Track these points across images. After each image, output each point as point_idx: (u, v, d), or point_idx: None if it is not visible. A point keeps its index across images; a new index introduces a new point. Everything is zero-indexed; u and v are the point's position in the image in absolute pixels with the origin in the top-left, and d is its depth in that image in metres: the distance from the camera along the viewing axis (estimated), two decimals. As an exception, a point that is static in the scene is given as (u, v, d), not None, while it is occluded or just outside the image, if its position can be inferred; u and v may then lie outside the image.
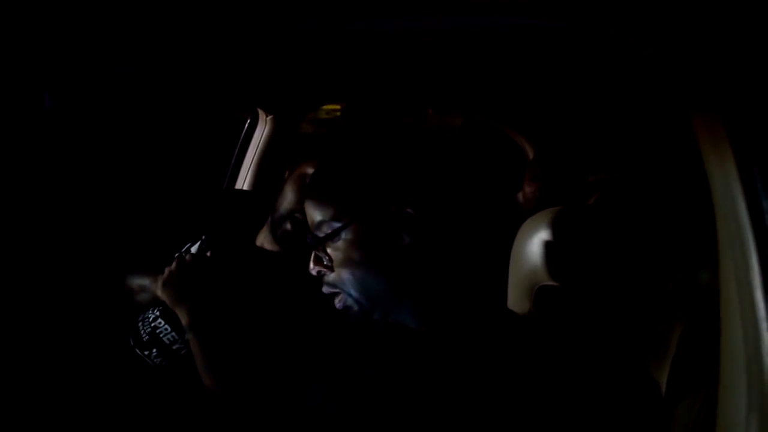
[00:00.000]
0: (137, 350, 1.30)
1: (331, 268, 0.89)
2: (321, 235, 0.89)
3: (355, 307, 0.89)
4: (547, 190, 1.92)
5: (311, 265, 0.92)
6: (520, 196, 2.05)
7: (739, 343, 0.66)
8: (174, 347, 1.29)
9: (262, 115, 2.09)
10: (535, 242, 1.11)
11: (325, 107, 4.27)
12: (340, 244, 0.88)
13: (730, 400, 0.68)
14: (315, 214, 0.91)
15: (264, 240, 1.42)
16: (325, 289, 0.92)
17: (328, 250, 0.89)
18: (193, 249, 1.42)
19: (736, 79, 0.67)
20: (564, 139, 2.13)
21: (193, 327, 1.18)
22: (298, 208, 1.31)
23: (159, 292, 1.25)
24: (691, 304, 1.06)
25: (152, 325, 1.32)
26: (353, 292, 0.88)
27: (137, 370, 1.29)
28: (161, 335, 1.30)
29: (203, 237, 1.44)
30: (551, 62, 1.22)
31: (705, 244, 0.84)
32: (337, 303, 0.91)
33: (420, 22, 0.83)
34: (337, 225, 0.88)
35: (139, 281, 1.40)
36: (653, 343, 1.10)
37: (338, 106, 4.43)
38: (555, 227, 1.10)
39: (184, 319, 1.20)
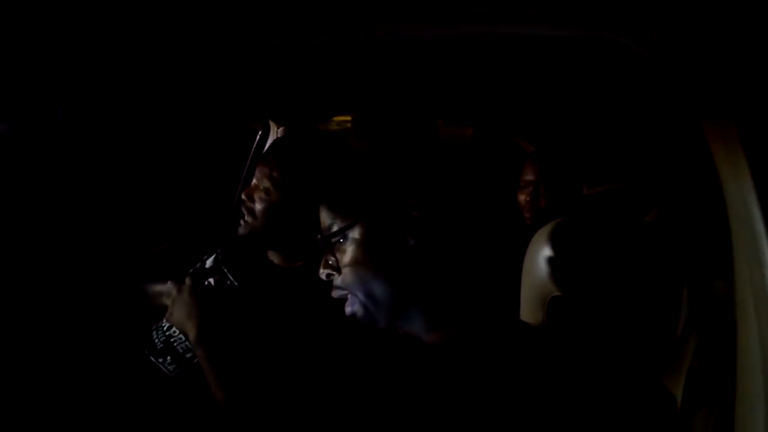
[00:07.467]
0: (151, 358, 1.32)
1: (339, 270, 0.91)
2: (328, 235, 0.93)
3: (362, 311, 0.90)
4: (544, 198, 1.85)
5: (321, 269, 0.94)
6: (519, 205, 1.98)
7: (756, 353, 0.66)
8: (187, 355, 1.30)
9: (273, 126, 2.10)
10: (548, 252, 1.11)
11: (335, 118, 4.29)
12: (346, 245, 0.91)
13: (748, 412, 0.67)
14: (325, 217, 0.94)
15: (276, 255, 1.42)
16: (334, 293, 0.94)
17: (336, 252, 0.92)
18: (209, 262, 1.43)
19: (750, 85, 0.67)
20: (558, 145, 2.08)
21: (202, 343, 1.20)
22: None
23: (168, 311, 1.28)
24: (707, 314, 1.05)
25: (167, 333, 1.33)
26: (359, 294, 0.90)
27: (151, 376, 1.31)
28: (175, 344, 1.32)
29: (218, 250, 1.45)
30: (562, 71, 1.22)
31: (720, 253, 0.83)
32: (347, 308, 0.92)
33: (431, 33, 0.83)
34: (343, 225, 0.91)
35: (155, 290, 1.42)
36: (669, 354, 1.09)
37: (349, 118, 4.44)
38: (568, 237, 1.09)
39: (191, 336, 1.22)
